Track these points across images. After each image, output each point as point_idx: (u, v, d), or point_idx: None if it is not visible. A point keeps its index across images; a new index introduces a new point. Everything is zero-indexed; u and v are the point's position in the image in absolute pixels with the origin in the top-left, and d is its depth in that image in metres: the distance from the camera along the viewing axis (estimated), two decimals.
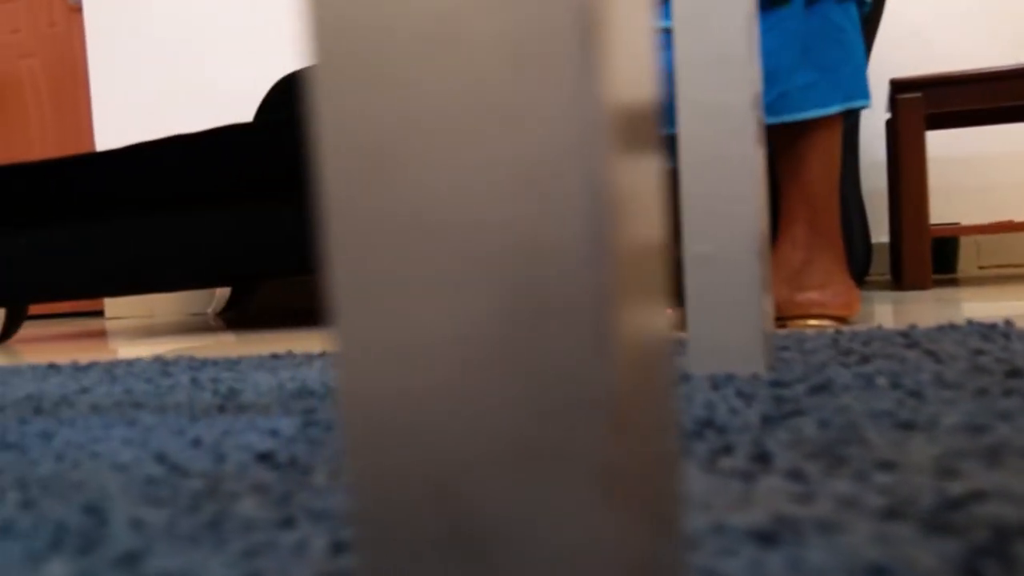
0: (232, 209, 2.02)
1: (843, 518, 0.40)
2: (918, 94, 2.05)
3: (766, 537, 0.38)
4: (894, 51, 2.54)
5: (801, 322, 1.24)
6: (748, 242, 0.82)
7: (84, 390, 1.03)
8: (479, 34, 0.20)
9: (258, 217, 1.99)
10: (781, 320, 1.25)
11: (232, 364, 1.19)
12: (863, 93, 1.24)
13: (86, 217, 2.19)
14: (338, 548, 0.39)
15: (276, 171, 1.95)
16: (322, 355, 1.23)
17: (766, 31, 1.15)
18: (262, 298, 3.12)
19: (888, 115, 2.27)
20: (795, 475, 0.47)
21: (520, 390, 0.21)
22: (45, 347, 2.15)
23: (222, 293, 3.02)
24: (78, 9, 3.42)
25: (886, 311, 1.51)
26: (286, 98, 2.76)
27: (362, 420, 0.22)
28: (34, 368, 1.34)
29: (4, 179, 2.32)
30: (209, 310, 3.07)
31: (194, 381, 1.04)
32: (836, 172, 1.23)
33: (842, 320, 1.25)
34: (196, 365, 1.21)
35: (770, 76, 1.16)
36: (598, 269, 0.20)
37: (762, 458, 0.51)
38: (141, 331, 2.55)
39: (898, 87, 2.08)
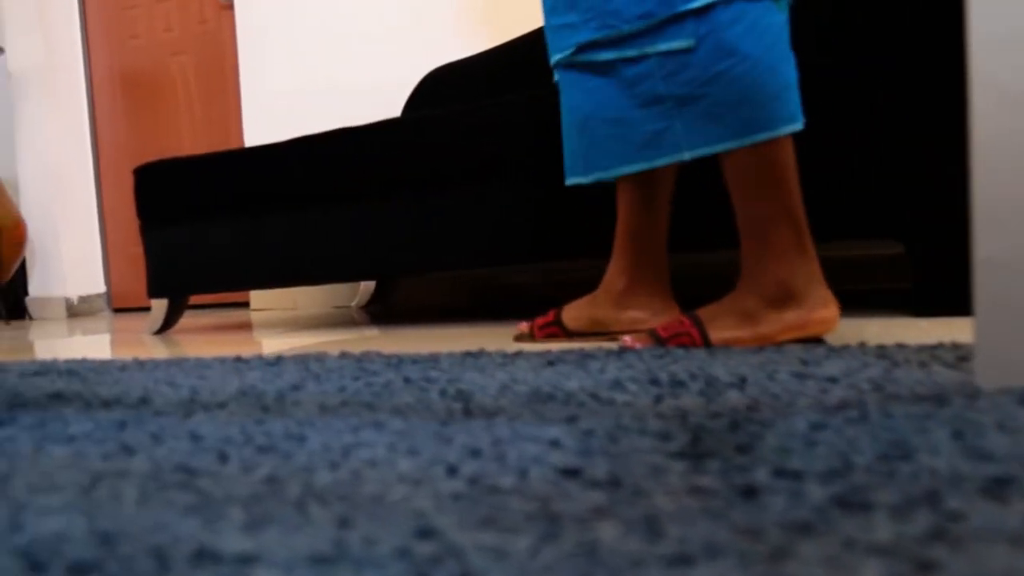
0: (389, 203, 1.99)
1: None
2: None
3: None
4: None
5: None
6: None
7: (296, 387, 1.00)
8: None
9: (412, 212, 1.95)
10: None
11: (433, 362, 1.14)
12: None
13: (249, 210, 2.19)
14: None
15: (428, 166, 1.91)
16: (517, 355, 1.17)
17: (775, 38, 1.11)
18: (402, 293, 3.11)
19: None
20: None
21: None
22: (202, 338, 2.16)
23: (366, 287, 3.02)
24: (229, 7, 3.48)
25: None
26: (433, 93, 2.74)
27: None
28: (222, 361, 1.32)
29: (168, 173, 2.35)
30: (353, 303, 3.08)
31: (407, 380, 1.00)
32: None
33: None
34: (394, 362, 1.17)
35: (784, 89, 1.12)
36: None
37: None
38: (288, 323, 2.55)
39: None
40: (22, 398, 1.07)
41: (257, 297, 3.35)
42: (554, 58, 1.23)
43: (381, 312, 2.83)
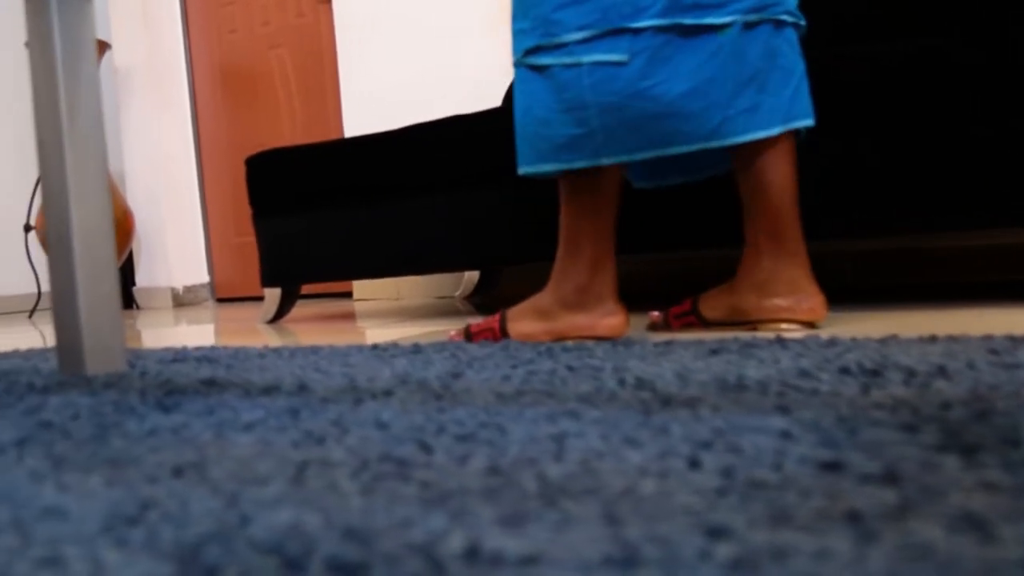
0: (494, 192, 1.95)
1: None
2: None
3: None
4: None
5: (773, 326, 1.28)
6: None
7: (455, 375, 0.97)
8: None
9: (517, 201, 1.91)
10: (751, 324, 1.31)
11: (585, 350, 1.10)
12: (804, 113, 1.28)
13: (359, 199, 2.18)
14: None
15: None
16: (669, 343, 1.13)
17: (702, 62, 1.19)
18: (506, 283, 3.08)
19: None
20: None
21: None
22: (315, 327, 2.16)
23: (470, 277, 2.99)
24: (326, 0, 3.48)
25: None
26: None
27: None
28: (360, 349, 1.31)
29: (279, 162, 2.36)
30: (456, 294, 3.06)
31: (570, 368, 0.96)
32: (794, 185, 1.28)
33: (810, 325, 1.28)
34: (543, 350, 1.13)
35: (710, 105, 1.19)
36: None
37: None
38: (392, 313, 2.54)
39: None
40: (173, 384, 1.07)
41: (360, 287, 3.36)
42: (512, 59, 1.32)
43: (485, 302, 2.80)
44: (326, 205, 2.25)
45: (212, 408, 0.86)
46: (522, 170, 1.32)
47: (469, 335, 1.40)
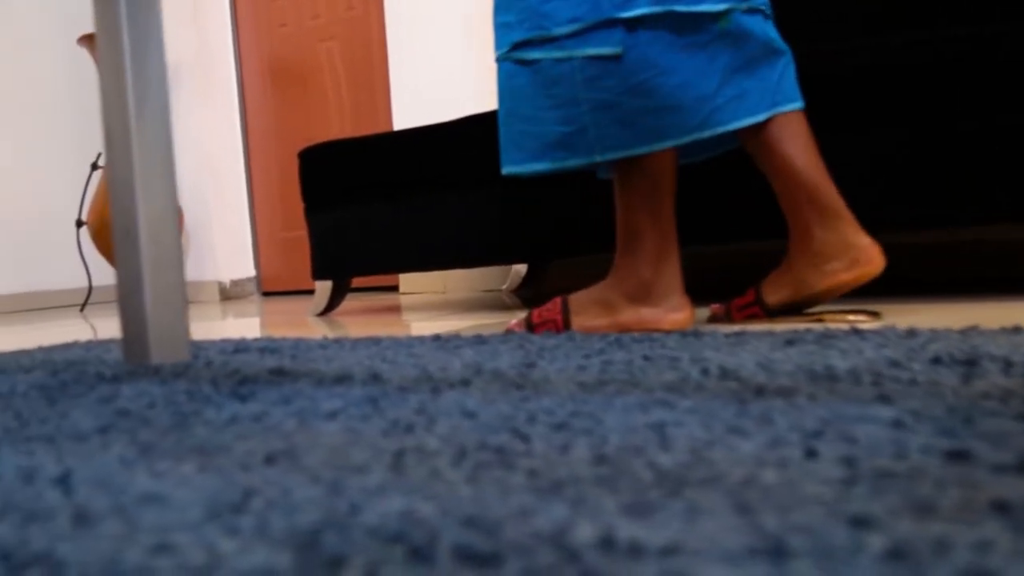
0: (545, 187, 1.94)
1: None
2: None
3: None
4: None
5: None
6: None
7: (529, 365, 0.96)
8: None
9: (567, 194, 1.89)
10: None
11: (655, 341, 1.09)
12: (792, 97, 1.26)
13: (412, 192, 2.18)
14: None
15: None
16: (740, 334, 1.11)
17: (695, 52, 1.16)
18: (553, 277, 3.06)
19: None
20: None
21: None
22: (363, 319, 2.16)
23: (517, 271, 2.98)
24: None
25: None
26: None
27: None
28: (422, 340, 1.30)
29: (333, 155, 2.36)
30: (503, 287, 3.05)
31: (646, 358, 0.94)
32: (815, 149, 1.26)
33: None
34: (611, 340, 1.11)
35: (701, 95, 1.17)
36: None
37: None
38: (439, 306, 2.53)
39: None
40: (243, 374, 1.07)
41: (406, 280, 3.36)
42: (495, 54, 1.28)
43: (532, 296, 2.79)
44: (378, 197, 2.25)
45: (288, 397, 0.86)
46: (507, 170, 1.27)
47: (531, 325, 1.36)
